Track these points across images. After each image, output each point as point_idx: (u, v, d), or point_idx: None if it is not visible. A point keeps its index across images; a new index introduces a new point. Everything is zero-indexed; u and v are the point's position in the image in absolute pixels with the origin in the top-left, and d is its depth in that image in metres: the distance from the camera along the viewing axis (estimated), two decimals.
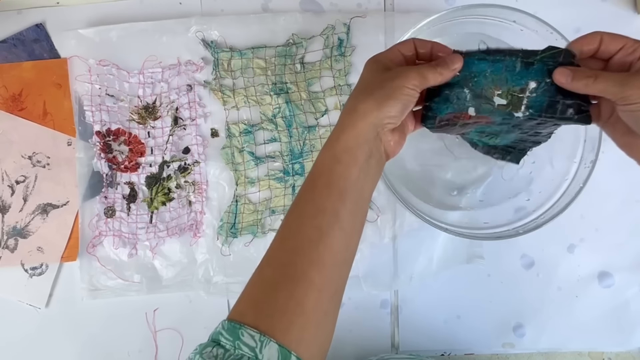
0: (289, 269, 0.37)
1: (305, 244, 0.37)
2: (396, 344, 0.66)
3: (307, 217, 0.39)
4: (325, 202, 0.38)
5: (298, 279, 0.36)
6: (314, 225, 0.38)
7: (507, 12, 0.54)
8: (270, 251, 0.40)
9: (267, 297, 0.36)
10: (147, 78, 0.65)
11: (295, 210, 0.40)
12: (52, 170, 0.66)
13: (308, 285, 0.36)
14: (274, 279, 0.37)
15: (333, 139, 0.40)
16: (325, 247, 0.37)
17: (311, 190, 0.40)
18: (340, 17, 0.64)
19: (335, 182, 0.38)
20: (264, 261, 0.39)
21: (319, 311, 0.37)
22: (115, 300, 0.65)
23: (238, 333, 0.34)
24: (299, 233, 0.38)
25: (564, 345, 0.66)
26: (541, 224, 0.54)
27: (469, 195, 0.62)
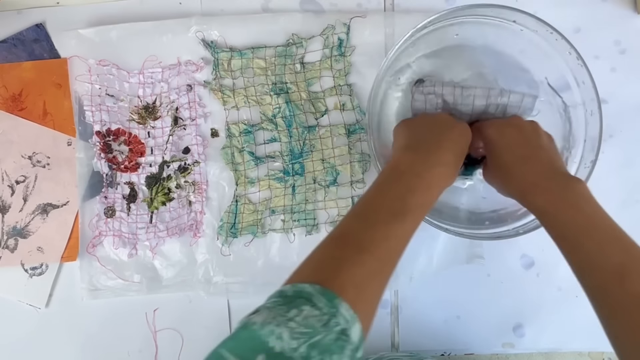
0: (384, 259, 0.41)
1: (391, 233, 0.41)
2: (396, 344, 0.66)
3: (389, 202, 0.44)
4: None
5: (386, 265, 0.41)
6: (398, 221, 0.43)
7: (507, 12, 0.54)
8: (347, 231, 0.42)
9: (350, 271, 0.38)
10: (147, 78, 0.65)
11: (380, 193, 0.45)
12: (52, 170, 0.66)
13: (384, 267, 0.41)
14: (358, 257, 0.39)
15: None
16: (402, 240, 0.42)
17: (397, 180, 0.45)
18: (340, 17, 0.64)
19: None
20: (357, 243, 0.40)
21: (384, 288, 0.41)
22: (115, 300, 0.65)
23: (335, 302, 0.35)
24: (384, 223, 0.42)
25: (564, 345, 0.66)
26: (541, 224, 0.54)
27: (469, 195, 0.62)
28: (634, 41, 0.65)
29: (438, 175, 0.46)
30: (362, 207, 0.44)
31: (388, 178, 0.46)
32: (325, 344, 0.32)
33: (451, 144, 0.48)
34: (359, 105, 0.65)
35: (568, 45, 0.53)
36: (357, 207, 0.45)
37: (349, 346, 0.34)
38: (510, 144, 0.49)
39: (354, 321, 0.35)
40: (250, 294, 0.64)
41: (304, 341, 0.32)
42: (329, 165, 0.65)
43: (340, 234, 0.42)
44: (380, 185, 0.46)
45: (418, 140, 0.49)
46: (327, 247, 0.41)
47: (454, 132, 0.49)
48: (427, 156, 0.47)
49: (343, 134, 0.65)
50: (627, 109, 0.65)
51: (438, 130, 0.50)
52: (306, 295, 0.35)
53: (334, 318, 0.34)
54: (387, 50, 0.64)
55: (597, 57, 0.65)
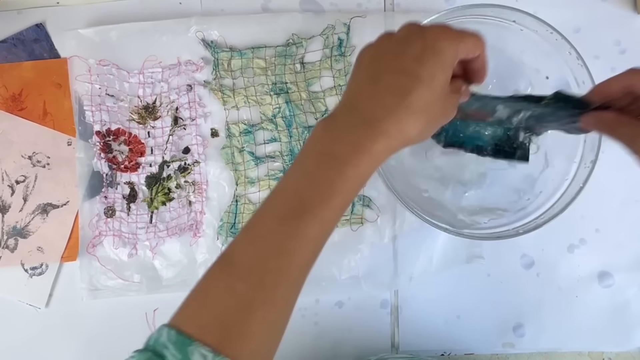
0: (248, 279, 0.32)
1: (277, 250, 0.32)
2: (396, 344, 0.66)
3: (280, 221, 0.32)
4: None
5: (258, 289, 0.31)
6: (286, 230, 0.32)
7: (507, 12, 0.54)
8: (228, 250, 0.34)
9: (218, 306, 0.32)
10: (147, 78, 0.65)
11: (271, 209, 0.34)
12: (52, 170, 0.66)
13: (268, 296, 0.31)
14: (228, 287, 0.32)
15: None
16: (297, 255, 0.32)
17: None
18: (340, 17, 0.64)
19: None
20: (221, 265, 0.33)
21: (274, 324, 0.33)
22: (115, 300, 0.65)
23: (187, 351, 0.30)
24: (266, 237, 0.32)
25: (564, 345, 0.66)
26: (541, 224, 0.54)
27: (469, 195, 0.62)
28: (634, 41, 0.65)
29: (357, 142, 0.31)
30: (254, 214, 0.34)
31: (291, 167, 0.34)
32: None
33: (395, 82, 0.32)
34: None
35: (568, 45, 0.53)
36: (252, 215, 0.34)
37: None
38: None
39: (214, 357, 0.29)
40: None
41: None
42: None
43: (223, 256, 0.34)
44: (280, 181, 0.34)
45: (346, 94, 0.35)
46: (206, 273, 0.34)
47: (408, 54, 0.32)
48: (344, 119, 0.33)
49: None
50: None
51: (382, 62, 0.33)
52: (160, 348, 0.31)
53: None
54: None
55: (597, 57, 0.64)
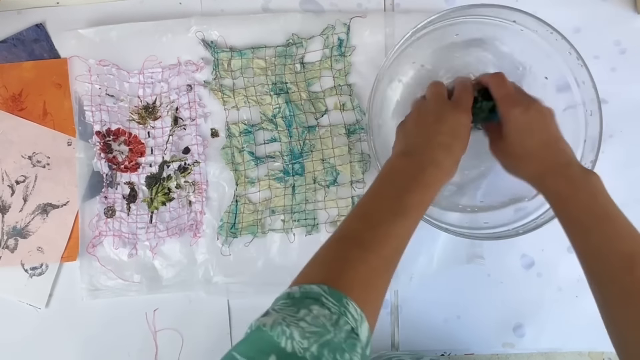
0: (388, 257, 0.42)
1: (393, 233, 0.43)
2: (396, 344, 0.66)
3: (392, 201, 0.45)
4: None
5: (390, 263, 0.42)
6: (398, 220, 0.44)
7: (507, 12, 0.54)
8: (349, 232, 0.43)
9: (357, 270, 0.39)
10: (147, 78, 0.65)
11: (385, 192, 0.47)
12: (52, 170, 0.66)
13: (388, 265, 0.42)
14: (363, 257, 0.40)
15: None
16: (404, 239, 0.44)
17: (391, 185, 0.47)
18: (340, 17, 0.64)
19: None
20: (361, 243, 0.41)
21: (388, 286, 0.42)
22: (115, 300, 0.65)
23: (344, 302, 0.36)
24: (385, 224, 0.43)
25: (564, 345, 0.66)
26: (541, 224, 0.54)
27: (469, 195, 0.62)
28: (634, 41, 0.65)
29: (432, 174, 0.47)
30: (363, 208, 0.46)
31: (384, 181, 0.48)
32: (336, 342, 0.33)
33: (444, 139, 0.48)
34: (359, 105, 0.65)
35: (568, 45, 0.53)
36: (357, 208, 0.46)
37: (359, 344, 0.34)
38: (533, 127, 0.49)
39: (362, 320, 0.36)
40: (250, 294, 0.64)
41: (315, 340, 0.32)
42: (329, 165, 0.65)
43: (344, 235, 0.43)
44: (378, 188, 0.47)
45: (411, 143, 0.50)
46: (331, 247, 0.42)
47: (447, 124, 0.49)
48: (419, 158, 0.48)
49: (343, 134, 0.65)
50: (627, 109, 0.65)
51: (429, 127, 0.50)
52: (314, 295, 0.36)
53: (343, 317, 0.35)
54: (387, 50, 0.64)
55: (597, 57, 0.64)
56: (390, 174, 0.48)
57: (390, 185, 0.47)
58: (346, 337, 0.34)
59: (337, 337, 0.33)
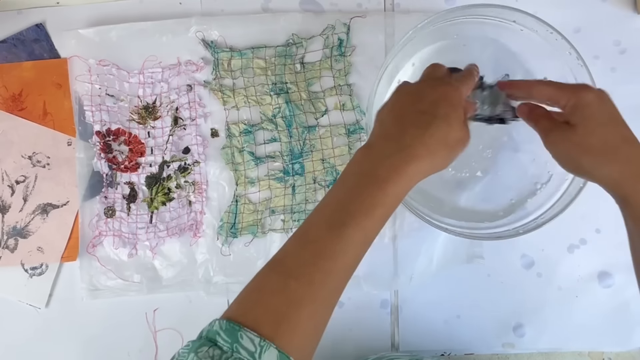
0: (315, 283, 0.36)
1: (326, 252, 0.36)
2: (396, 344, 0.66)
3: (327, 226, 0.38)
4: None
5: (319, 290, 0.36)
6: (334, 235, 0.37)
7: (507, 12, 0.54)
8: (279, 255, 0.39)
9: (271, 301, 0.35)
10: (147, 78, 0.65)
11: (320, 215, 0.39)
12: (52, 170, 0.66)
13: (316, 293, 0.36)
14: (281, 284, 0.36)
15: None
16: (343, 257, 0.37)
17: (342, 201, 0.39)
18: (340, 17, 0.64)
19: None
20: (283, 269, 0.37)
21: (319, 319, 0.37)
22: (115, 300, 0.65)
23: (237, 335, 0.33)
24: (316, 241, 0.37)
25: (564, 345, 0.66)
26: (541, 224, 0.54)
27: (469, 195, 0.62)
28: (634, 41, 0.65)
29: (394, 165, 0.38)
30: (302, 225, 0.39)
31: (335, 186, 0.40)
32: None
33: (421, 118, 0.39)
34: (359, 105, 0.65)
35: (568, 45, 0.53)
36: (299, 226, 0.39)
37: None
38: (614, 118, 0.42)
39: (263, 349, 0.32)
40: None
41: None
42: (329, 165, 0.65)
43: (272, 260, 0.38)
44: (325, 197, 0.40)
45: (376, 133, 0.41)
46: (257, 275, 0.38)
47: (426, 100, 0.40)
48: (381, 146, 0.39)
49: (343, 134, 0.65)
50: (627, 109, 0.65)
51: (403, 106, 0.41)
52: (212, 335, 0.34)
53: (235, 353, 0.32)
54: (387, 50, 0.64)
55: (597, 57, 0.64)
56: (341, 176, 0.40)
57: (338, 189, 0.39)
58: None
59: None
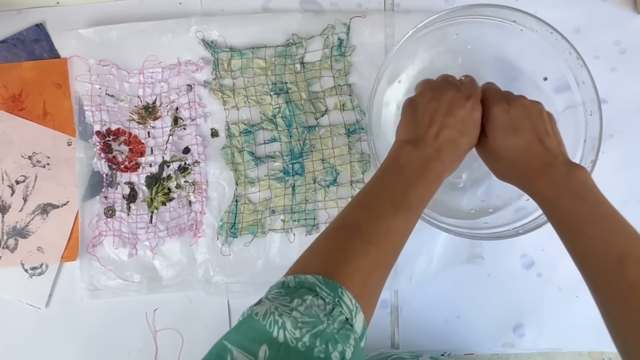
0: (388, 251, 0.41)
1: (395, 227, 0.42)
2: (396, 344, 0.66)
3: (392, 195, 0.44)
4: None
5: (389, 257, 0.42)
6: (400, 215, 0.43)
7: (507, 12, 0.54)
8: (351, 222, 0.42)
9: (356, 262, 0.38)
10: (147, 78, 0.65)
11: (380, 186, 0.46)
12: (52, 170, 0.66)
13: (387, 259, 0.41)
14: (363, 248, 0.40)
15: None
16: (403, 233, 0.43)
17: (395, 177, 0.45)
18: (340, 17, 0.64)
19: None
20: (362, 235, 0.41)
21: (385, 281, 0.42)
22: (115, 300, 0.65)
23: (339, 291, 0.35)
24: (387, 217, 0.42)
25: (564, 345, 0.66)
26: (541, 224, 0.54)
27: (469, 195, 0.62)
28: (634, 41, 0.65)
29: (435, 169, 0.45)
30: (365, 198, 0.45)
31: (389, 171, 0.46)
32: (328, 333, 0.32)
33: (453, 134, 0.47)
34: (359, 105, 0.65)
35: (568, 45, 0.53)
36: (360, 198, 0.45)
37: (353, 335, 0.34)
38: (517, 128, 0.47)
39: (357, 311, 0.35)
40: (250, 294, 0.64)
41: (307, 330, 0.32)
42: (329, 165, 0.65)
43: (344, 224, 0.42)
44: (382, 179, 0.46)
45: (417, 131, 0.48)
46: (331, 236, 0.42)
47: (457, 117, 0.47)
48: (424, 150, 0.46)
49: (343, 134, 0.65)
50: (627, 109, 0.65)
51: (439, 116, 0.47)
52: (309, 285, 0.36)
53: (338, 307, 0.34)
54: (387, 50, 0.64)
55: (597, 57, 0.64)
56: (395, 164, 0.47)
57: (395, 177, 0.45)
58: (339, 328, 0.33)
59: (330, 328, 0.33)
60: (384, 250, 0.41)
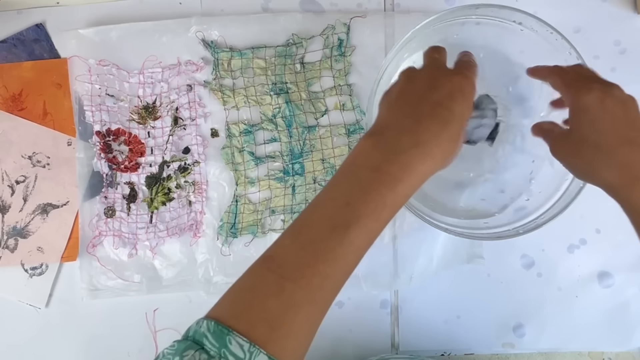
0: (315, 287, 0.34)
1: (326, 255, 0.34)
2: (396, 344, 0.66)
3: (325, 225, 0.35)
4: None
5: (316, 293, 0.34)
6: (337, 237, 0.35)
7: (507, 12, 0.54)
8: (275, 252, 0.36)
9: (264, 303, 0.33)
10: (147, 78, 0.65)
11: (314, 212, 0.37)
12: (52, 170, 0.66)
13: (313, 297, 0.34)
14: (277, 285, 0.34)
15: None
16: (343, 261, 0.35)
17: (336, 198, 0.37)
18: (340, 17, 0.64)
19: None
20: (280, 269, 0.35)
21: (314, 323, 0.35)
22: (115, 300, 0.65)
23: (225, 340, 0.31)
24: (317, 242, 0.35)
25: (564, 345, 0.66)
26: (541, 224, 0.54)
27: (469, 195, 0.62)
28: (634, 41, 0.65)
29: (407, 161, 0.35)
30: (299, 219, 0.37)
31: (339, 177, 0.37)
32: None
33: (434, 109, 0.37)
34: (359, 105, 0.65)
35: (568, 45, 0.53)
36: (296, 219, 0.37)
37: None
38: (614, 119, 0.39)
39: (252, 356, 0.31)
40: None
41: None
42: (329, 165, 0.65)
43: (266, 257, 0.36)
44: (328, 189, 0.37)
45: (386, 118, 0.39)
46: (249, 273, 0.36)
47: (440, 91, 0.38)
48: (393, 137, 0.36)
49: (343, 134, 0.65)
50: None
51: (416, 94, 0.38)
52: (199, 336, 0.32)
53: (223, 359, 0.31)
54: (387, 50, 0.64)
55: (597, 57, 0.64)
56: (348, 165, 0.37)
57: (344, 183, 0.36)
58: None
59: None
60: (307, 285, 0.33)
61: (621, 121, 0.40)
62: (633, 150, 0.39)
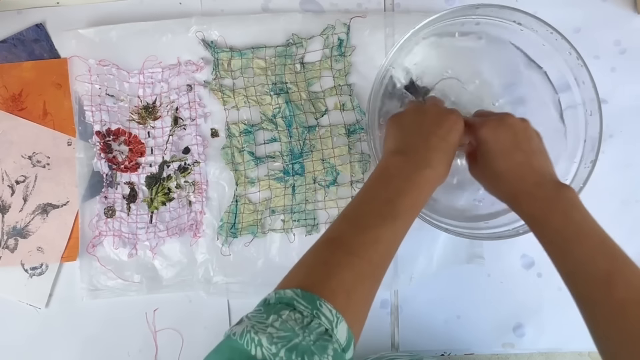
0: (375, 262, 0.41)
1: (382, 238, 0.42)
2: (396, 344, 0.66)
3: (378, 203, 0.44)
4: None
5: (377, 269, 0.41)
6: (387, 225, 0.43)
7: (507, 12, 0.54)
8: (338, 234, 0.42)
9: (341, 275, 0.38)
10: (147, 78, 0.65)
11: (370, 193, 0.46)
12: (52, 170, 0.66)
13: (374, 271, 0.41)
14: (347, 260, 0.39)
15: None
16: (393, 243, 0.43)
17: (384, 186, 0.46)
18: (340, 17, 0.64)
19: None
20: (347, 247, 0.41)
21: (374, 295, 0.41)
22: (115, 300, 0.65)
23: (317, 303, 0.35)
24: (374, 228, 0.42)
25: (564, 345, 0.66)
26: None
27: (469, 195, 0.62)
28: (634, 41, 0.65)
29: (427, 176, 0.46)
30: (353, 210, 0.45)
31: (378, 181, 0.47)
32: (304, 345, 0.33)
33: (440, 142, 0.48)
34: (359, 105, 0.65)
35: (568, 45, 0.53)
36: (348, 210, 0.45)
37: (331, 346, 0.34)
38: (504, 149, 0.49)
39: (338, 321, 0.35)
40: (250, 294, 0.64)
41: (283, 345, 0.32)
42: (329, 165, 0.65)
43: (331, 238, 0.43)
44: (370, 189, 0.46)
45: (406, 141, 0.49)
46: (316, 250, 0.42)
47: (443, 127, 0.49)
48: (415, 158, 0.47)
49: (343, 134, 0.65)
50: (627, 109, 0.65)
51: (426, 127, 0.49)
52: (287, 300, 0.36)
53: (316, 319, 0.34)
54: (387, 50, 0.64)
55: (597, 57, 0.65)
56: (383, 173, 0.47)
57: (383, 186, 0.46)
58: (316, 339, 0.33)
59: (306, 340, 0.33)
60: (370, 261, 0.40)
61: (510, 148, 0.48)
62: (519, 170, 0.48)
